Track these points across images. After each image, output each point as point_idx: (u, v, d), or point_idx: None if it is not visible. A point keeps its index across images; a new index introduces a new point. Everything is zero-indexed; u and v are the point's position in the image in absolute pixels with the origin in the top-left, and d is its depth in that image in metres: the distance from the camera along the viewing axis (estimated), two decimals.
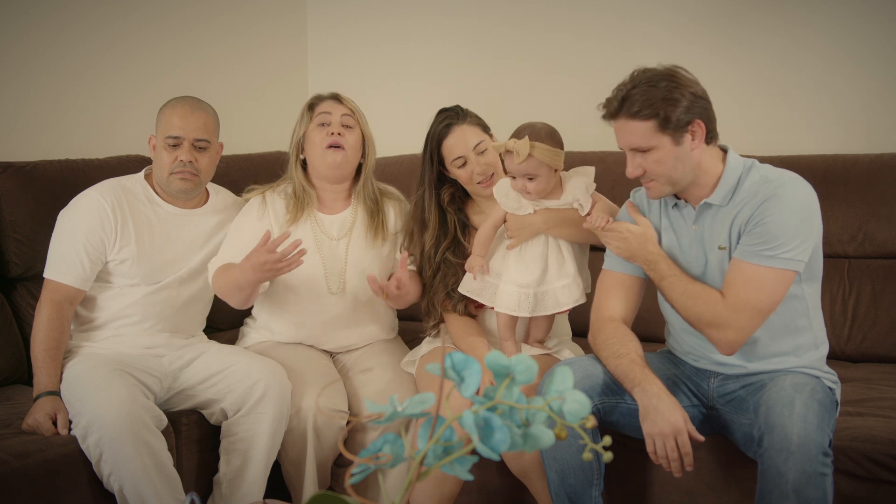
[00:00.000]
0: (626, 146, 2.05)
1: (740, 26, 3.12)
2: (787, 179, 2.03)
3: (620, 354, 2.08)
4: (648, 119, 1.98)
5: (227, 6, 3.54)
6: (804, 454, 1.81)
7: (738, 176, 2.06)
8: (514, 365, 1.06)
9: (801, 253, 1.99)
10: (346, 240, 2.58)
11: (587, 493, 2.08)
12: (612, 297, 2.21)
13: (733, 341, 2.01)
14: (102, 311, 2.46)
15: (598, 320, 2.20)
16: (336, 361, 2.65)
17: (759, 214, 1.99)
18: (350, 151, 2.54)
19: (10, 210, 2.62)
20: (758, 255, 1.98)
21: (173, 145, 2.43)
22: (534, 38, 3.46)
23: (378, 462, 1.06)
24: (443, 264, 2.46)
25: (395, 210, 2.66)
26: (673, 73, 2.01)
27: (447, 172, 2.49)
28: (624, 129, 2.03)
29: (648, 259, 2.12)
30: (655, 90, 1.97)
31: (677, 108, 1.97)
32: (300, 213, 2.55)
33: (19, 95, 2.90)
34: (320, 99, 2.60)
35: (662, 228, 2.17)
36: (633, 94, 1.99)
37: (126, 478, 2.13)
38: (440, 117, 2.48)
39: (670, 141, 2.00)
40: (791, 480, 1.80)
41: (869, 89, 2.98)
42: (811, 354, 2.11)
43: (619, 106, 2.00)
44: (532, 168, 2.26)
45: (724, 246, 2.06)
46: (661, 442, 1.95)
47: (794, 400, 1.88)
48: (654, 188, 2.07)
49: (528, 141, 2.23)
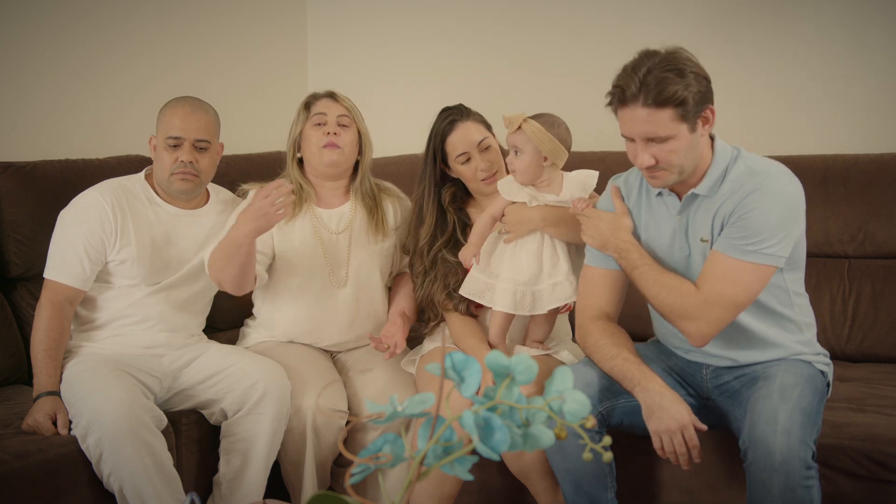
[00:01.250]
0: (638, 135, 1.93)
1: (740, 26, 3.12)
2: (773, 171, 1.98)
3: (613, 355, 2.06)
4: (669, 107, 1.87)
5: (227, 6, 3.54)
6: (787, 471, 1.80)
7: (725, 166, 2.01)
8: (514, 365, 1.06)
9: (782, 248, 1.95)
10: (347, 234, 2.59)
11: (603, 496, 2.07)
12: (595, 294, 2.18)
13: (705, 334, 1.98)
14: (102, 311, 2.46)
15: (583, 322, 2.17)
16: (336, 361, 2.65)
17: (742, 207, 1.94)
18: (347, 150, 2.55)
19: (10, 210, 2.62)
20: (738, 248, 1.94)
21: (174, 146, 2.43)
22: (534, 38, 3.46)
23: (378, 462, 1.06)
24: (441, 263, 2.46)
25: (393, 206, 2.67)
26: (682, 57, 1.92)
27: (449, 171, 2.49)
28: (639, 119, 1.90)
29: (620, 247, 2.08)
30: (673, 77, 1.86)
31: (695, 94, 1.88)
32: (299, 209, 2.56)
33: (19, 95, 2.90)
34: (316, 98, 2.60)
35: (643, 219, 2.12)
36: (650, 80, 1.87)
37: (126, 478, 2.13)
38: (444, 114, 2.49)
39: (687, 129, 1.91)
40: (776, 495, 1.81)
41: (869, 89, 2.98)
42: (797, 338, 2.08)
43: (639, 90, 1.87)
44: (519, 141, 2.27)
45: (706, 238, 2.01)
46: (669, 438, 1.95)
47: (777, 413, 1.85)
48: (663, 177, 1.98)
49: (524, 115, 2.25)
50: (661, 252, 2.10)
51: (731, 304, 1.96)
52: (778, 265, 1.97)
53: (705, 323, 1.97)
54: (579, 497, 2.07)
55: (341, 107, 2.57)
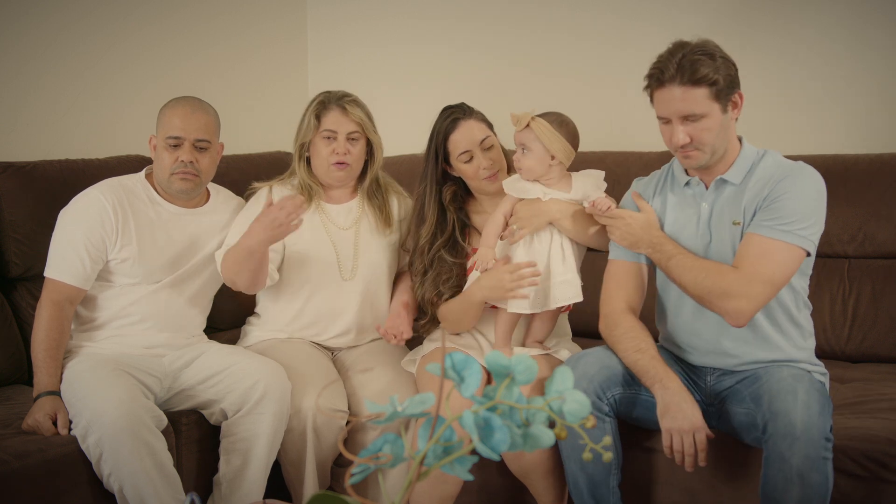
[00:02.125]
0: (675, 113, 2.04)
1: (740, 26, 3.12)
2: (801, 164, 2.11)
3: (641, 349, 2.11)
4: (703, 86, 2.01)
5: (227, 6, 3.54)
6: (808, 439, 1.86)
7: (752, 160, 2.13)
8: (514, 365, 1.06)
9: (813, 234, 2.05)
10: (355, 229, 2.62)
11: (605, 482, 2.12)
12: (622, 287, 2.24)
13: (745, 310, 2.03)
14: (103, 310, 2.46)
15: (611, 312, 2.22)
16: (336, 361, 2.65)
17: (776, 191, 2.05)
18: (355, 165, 2.59)
19: (10, 210, 2.62)
20: (773, 228, 2.03)
21: (174, 146, 2.43)
22: (534, 38, 3.46)
23: (378, 462, 1.06)
24: (437, 262, 2.46)
25: (398, 201, 2.71)
26: (710, 44, 2.06)
27: (451, 170, 2.49)
28: (675, 96, 2.03)
29: (653, 242, 2.16)
30: (709, 59, 2.01)
31: (727, 76, 2.03)
32: (308, 205, 2.57)
33: (19, 95, 2.90)
34: (326, 107, 2.56)
35: (666, 208, 2.21)
36: (688, 60, 2.00)
37: (126, 478, 2.13)
38: (446, 113, 2.49)
39: (720, 109, 2.04)
40: (795, 465, 1.86)
41: (869, 89, 2.98)
42: (801, 345, 2.16)
43: (676, 71, 2.01)
44: (527, 139, 2.29)
45: (738, 221, 2.09)
46: (679, 438, 2.00)
47: (796, 389, 1.94)
48: (696, 157, 2.08)
49: (532, 112, 2.28)
50: (685, 239, 2.17)
51: (769, 280, 2.02)
52: (808, 249, 2.05)
53: (746, 299, 2.02)
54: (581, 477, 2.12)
55: (352, 122, 2.55)
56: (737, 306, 2.02)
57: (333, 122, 2.55)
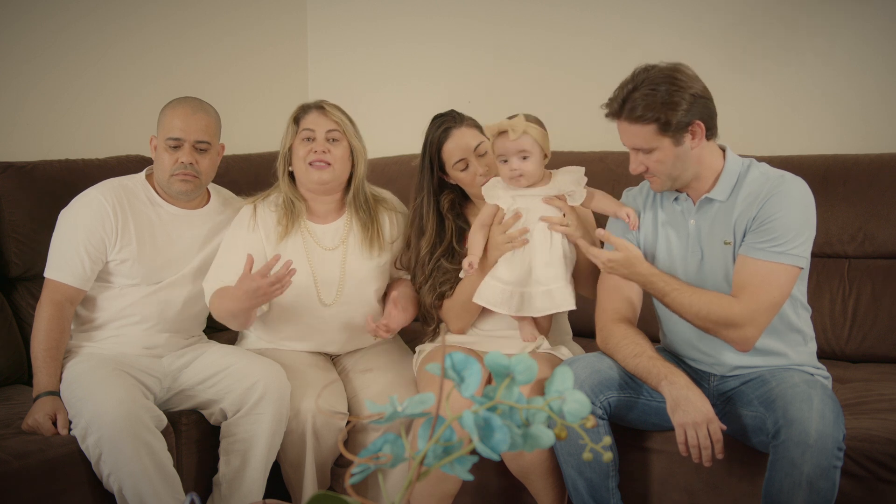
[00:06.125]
0: (628, 145, 2.11)
1: (740, 26, 3.12)
2: (787, 177, 2.09)
3: (637, 353, 2.10)
4: (649, 123, 2.03)
5: (227, 6, 3.54)
6: (821, 449, 1.86)
7: (738, 173, 2.12)
8: (514, 365, 1.06)
9: (805, 249, 2.05)
10: (342, 250, 2.54)
11: (604, 484, 2.11)
12: (615, 298, 2.23)
13: (752, 338, 2.04)
14: (103, 311, 2.46)
15: (605, 324, 2.21)
16: (336, 362, 2.64)
17: (765, 212, 2.04)
18: (337, 166, 2.49)
19: (10, 210, 2.62)
20: (768, 251, 2.03)
21: (174, 147, 2.43)
22: (534, 38, 3.46)
23: (378, 462, 1.05)
24: (436, 270, 2.45)
25: (389, 219, 2.61)
26: (674, 74, 2.03)
27: (447, 178, 2.48)
28: (626, 131, 2.09)
29: (642, 280, 2.15)
30: (656, 94, 2.01)
31: (677, 111, 2.01)
32: (291, 226, 2.51)
33: (19, 95, 2.90)
34: (305, 111, 2.53)
35: (657, 224, 2.21)
36: (634, 97, 2.03)
37: (125, 478, 2.13)
38: (436, 122, 2.47)
39: (671, 142, 2.05)
40: (806, 472, 1.86)
41: (868, 89, 2.98)
42: (802, 349, 2.17)
43: (620, 108, 2.06)
44: (527, 144, 2.27)
45: (729, 241, 2.09)
46: (693, 431, 1.98)
47: (811, 396, 1.93)
48: (657, 183, 2.13)
49: (524, 119, 2.27)
50: (678, 255, 2.16)
51: (772, 305, 2.04)
52: (803, 266, 2.06)
53: (752, 327, 2.03)
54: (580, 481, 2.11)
55: (330, 121, 2.49)
56: (743, 335, 2.04)
57: (311, 122, 2.49)
